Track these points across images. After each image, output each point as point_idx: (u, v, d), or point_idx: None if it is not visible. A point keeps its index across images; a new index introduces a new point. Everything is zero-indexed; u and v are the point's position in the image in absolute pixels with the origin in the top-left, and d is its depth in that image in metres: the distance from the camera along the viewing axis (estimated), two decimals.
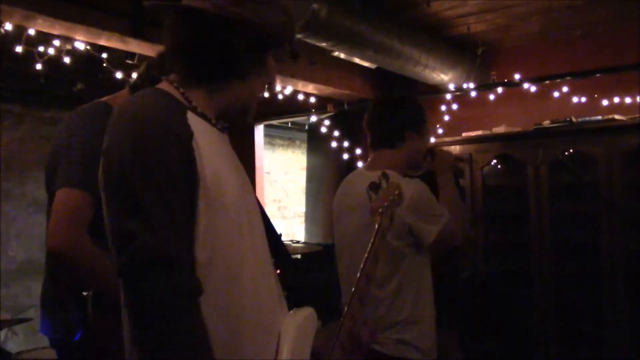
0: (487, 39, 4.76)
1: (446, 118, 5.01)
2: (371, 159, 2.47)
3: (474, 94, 4.66)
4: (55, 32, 3.33)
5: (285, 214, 7.67)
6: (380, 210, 1.77)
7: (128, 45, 3.50)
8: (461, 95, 4.80)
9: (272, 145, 7.56)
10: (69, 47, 3.60)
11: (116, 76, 3.82)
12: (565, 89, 4.44)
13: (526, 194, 4.20)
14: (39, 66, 3.69)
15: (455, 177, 2.53)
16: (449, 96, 4.84)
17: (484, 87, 4.69)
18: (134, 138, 1.17)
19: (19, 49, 3.50)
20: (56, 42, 3.60)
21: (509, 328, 4.19)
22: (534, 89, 4.47)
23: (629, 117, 4.02)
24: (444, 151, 2.62)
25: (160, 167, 1.15)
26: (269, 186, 7.28)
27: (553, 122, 4.19)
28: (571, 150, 4.03)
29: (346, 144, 5.21)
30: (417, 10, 4.13)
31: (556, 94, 4.48)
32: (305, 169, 6.11)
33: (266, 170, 6.85)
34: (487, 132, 4.52)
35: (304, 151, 6.69)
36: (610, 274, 3.88)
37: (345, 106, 5.07)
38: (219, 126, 1.35)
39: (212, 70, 1.33)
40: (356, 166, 5.09)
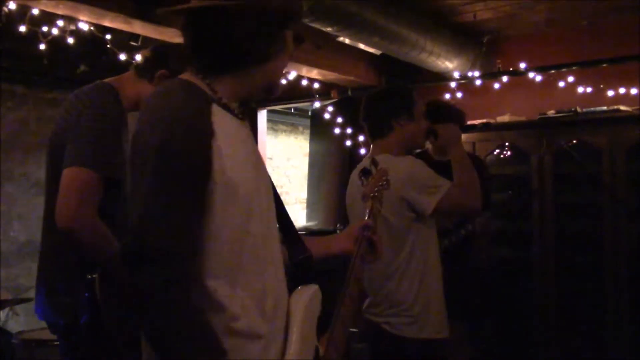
0: (493, 27, 4.73)
1: None
2: (371, 149, 2.63)
3: (478, 82, 4.64)
4: (59, 12, 3.30)
5: (287, 200, 7.67)
6: (372, 195, 1.85)
7: (132, 26, 3.47)
8: (466, 84, 4.78)
9: (275, 130, 7.54)
10: (72, 27, 3.58)
11: (120, 58, 3.80)
12: (570, 79, 4.42)
13: (529, 183, 4.19)
14: (42, 46, 3.67)
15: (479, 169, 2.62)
16: (453, 84, 4.82)
17: (489, 75, 4.67)
18: (161, 130, 1.22)
19: (22, 28, 3.48)
20: (60, 23, 3.58)
21: (509, 317, 4.20)
22: (539, 78, 4.45)
23: (634, 108, 4.00)
24: (446, 127, 2.65)
25: (180, 163, 1.20)
26: (271, 172, 7.22)
27: (558, 112, 4.18)
28: (575, 141, 4.02)
29: (349, 130, 5.20)
30: None
31: (561, 84, 4.46)
32: (307, 155, 6.10)
33: (269, 155, 6.85)
34: (491, 121, 4.50)
35: (307, 137, 6.68)
36: (612, 265, 3.89)
37: (349, 92, 5.05)
38: (240, 115, 1.39)
39: (235, 60, 1.36)
40: (359, 153, 5.10)
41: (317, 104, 5.28)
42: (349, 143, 5.23)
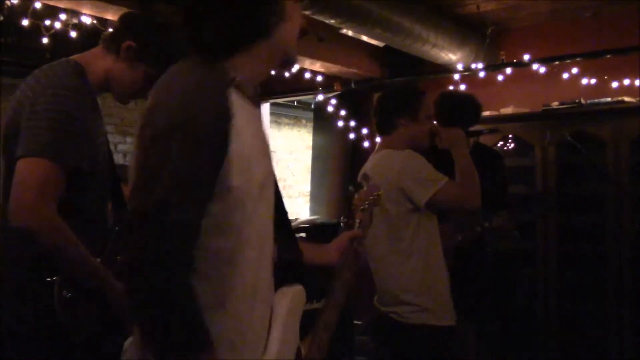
0: (497, 19, 4.70)
1: None
2: (378, 144, 2.76)
3: (482, 74, 4.62)
4: (62, 6, 3.30)
5: (290, 193, 7.66)
6: (362, 208, 1.93)
7: None
8: (469, 75, 4.76)
9: (278, 123, 7.54)
10: (75, 21, 3.58)
11: None
12: (574, 70, 4.41)
13: (533, 175, 4.18)
14: (45, 40, 3.67)
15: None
16: (457, 76, 4.80)
17: (493, 67, 4.66)
18: (184, 106, 1.19)
19: (25, 22, 3.48)
20: (62, 16, 3.58)
21: (512, 309, 4.20)
22: (542, 69, 4.43)
23: (638, 99, 3.99)
24: (445, 130, 2.72)
25: (209, 139, 1.19)
26: (274, 165, 7.25)
27: (561, 104, 4.17)
28: (579, 133, 4.01)
29: (352, 123, 5.18)
30: None
31: (565, 75, 4.44)
32: (311, 148, 6.09)
33: (272, 149, 6.83)
34: (494, 113, 4.49)
35: (310, 130, 6.67)
36: (616, 256, 3.88)
37: (353, 85, 5.04)
38: (252, 101, 1.37)
39: (237, 36, 1.33)
40: (362, 146, 5.09)
41: (320, 97, 5.26)
42: (352, 136, 5.22)
